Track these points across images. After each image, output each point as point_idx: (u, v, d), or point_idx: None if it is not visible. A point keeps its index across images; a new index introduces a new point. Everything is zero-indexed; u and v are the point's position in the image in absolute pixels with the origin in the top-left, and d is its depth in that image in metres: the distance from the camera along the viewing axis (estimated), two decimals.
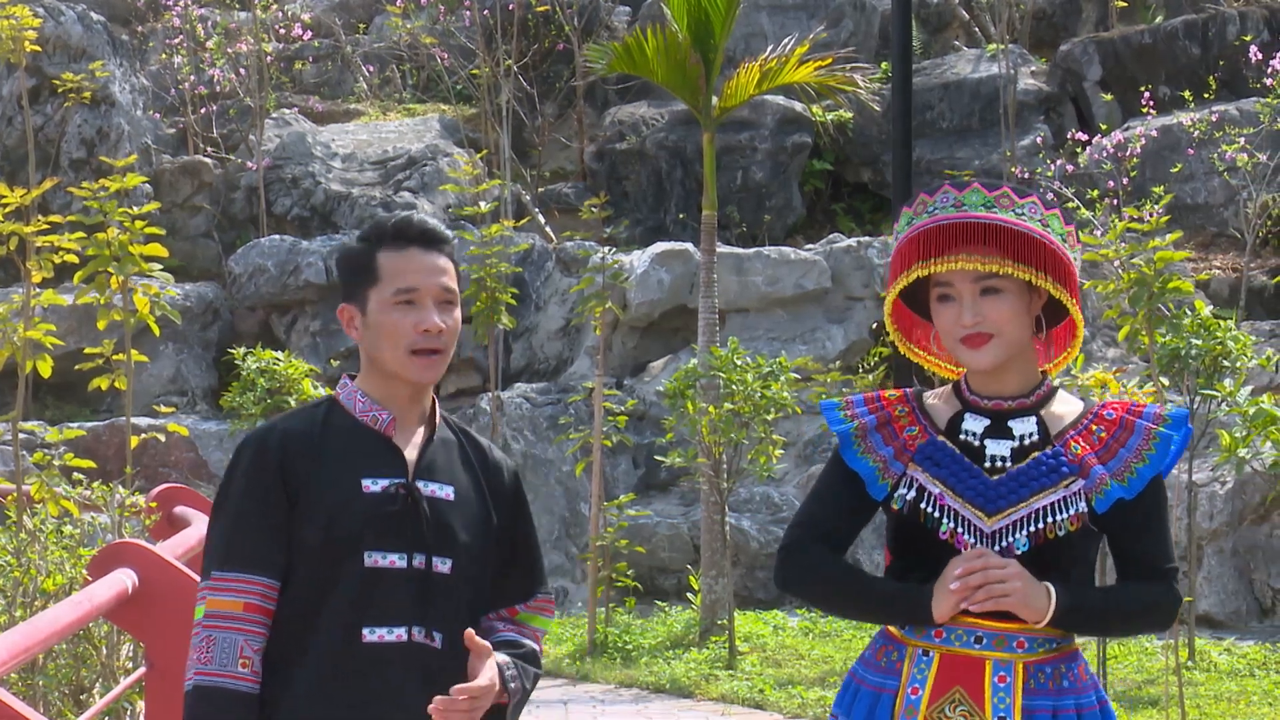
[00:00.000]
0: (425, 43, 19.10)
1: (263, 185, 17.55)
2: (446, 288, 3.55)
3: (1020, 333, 3.58)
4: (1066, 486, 3.53)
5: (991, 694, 3.49)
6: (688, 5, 12.60)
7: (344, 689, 3.42)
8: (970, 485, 3.57)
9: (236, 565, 3.42)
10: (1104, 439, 3.57)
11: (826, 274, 15.59)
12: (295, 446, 3.50)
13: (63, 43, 18.07)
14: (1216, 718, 9.52)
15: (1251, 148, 15.06)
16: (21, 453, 8.13)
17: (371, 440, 3.53)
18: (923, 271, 3.58)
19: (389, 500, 3.49)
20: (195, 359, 16.66)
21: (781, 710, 10.23)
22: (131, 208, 8.69)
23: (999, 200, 3.59)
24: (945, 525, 3.53)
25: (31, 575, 7.01)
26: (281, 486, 3.46)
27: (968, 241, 3.55)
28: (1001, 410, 3.61)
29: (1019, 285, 3.56)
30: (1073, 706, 3.50)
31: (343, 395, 3.59)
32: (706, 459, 12.22)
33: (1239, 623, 12.45)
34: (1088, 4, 19.21)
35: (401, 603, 3.47)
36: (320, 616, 3.44)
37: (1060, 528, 3.50)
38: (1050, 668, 3.52)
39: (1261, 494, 12.49)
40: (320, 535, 3.45)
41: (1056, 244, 3.55)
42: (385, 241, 3.56)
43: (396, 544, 3.48)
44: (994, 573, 3.45)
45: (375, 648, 3.44)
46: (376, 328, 3.53)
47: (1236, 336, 10.82)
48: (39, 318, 7.98)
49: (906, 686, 3.55)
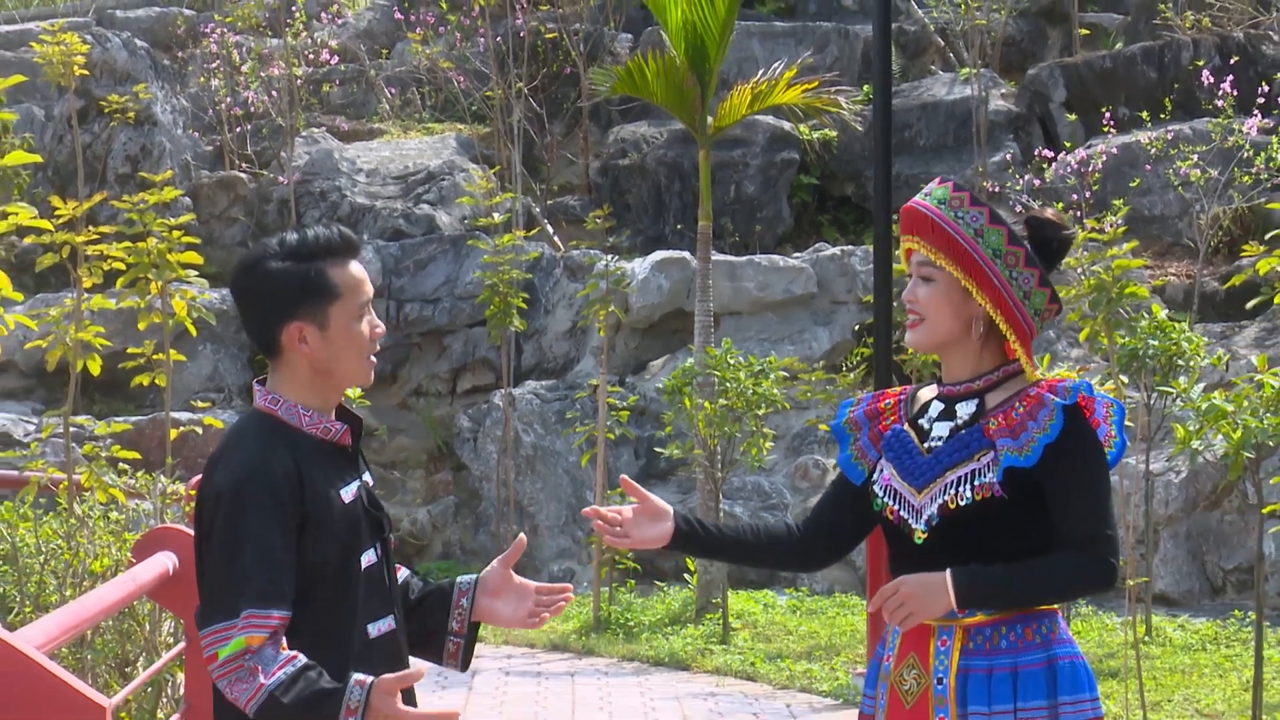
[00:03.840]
0: (443, 67, 19.09)
1: (293, 198, 17.55)
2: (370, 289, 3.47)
3: (948, 324, 3.61)
4: (977, 460, 3.54)
5: (934, 657, 3.54)
6: (685, 32, 12.60)
7: None
8: (907, 465, 3.63)
9: (272, 603, 3.21)
10: (1020, 415, 3.56)
11: (813, 280, 15.59)
12: (294, 474, 3.28)
13: (109, 67, 18.07)
14: (1171, 689, 9.52)
15: (1204, 164, 15.05)
16: (72, 445, 8.13)
17: (329, 451, 3.39)
18: (904, 246, 3.71)
19: (361, 502, 3.42)
20: (231, 358, 16.66)
21: (771, 682, 10.24)
22: (170, 219, 8.70)
23: (951, 201, 3.66)
24: (885, 502, 3.62)
25: (81, 557, 7.02)
26: (296, 517, 3.27)
27: (922, 228, 3.64)
28: (954, 394, 3.66)
29: (950, 280, 3.60)
30: (1008, 666, 3.50)
31: (281, 411, 3.37)
32: (702, 450, 12.23)
33: (1192, 601, 12.45)
34: (1053, 31, 19.20)
35: (385, 593, 3.44)
36: (336, 624, 3.34)
37: (963, 498, 3.51)
38: (990, 629, 3.52)
39: (1213, 482, 12.50)
40: (335, 551, 3.33)
41: (979, 252, 3.58)
42: (330, 256, 3.37)
43: (371, 540, 3.42)
44: (889, 602, 3.48)
45: (377, 641, 3.40)
46: (342, 339, 3.36)
47: (1190, 338, 10.82)
48: (88, 320, 7.99)
49: (885, 654, 3.65)
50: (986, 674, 3.49)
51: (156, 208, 8.58)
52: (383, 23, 20.66)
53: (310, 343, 3.36)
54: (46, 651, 3.94)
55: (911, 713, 3.52)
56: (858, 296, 15.37)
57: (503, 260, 14.17)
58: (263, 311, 3.37)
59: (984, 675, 3.49)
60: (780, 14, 19.26)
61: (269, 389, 3.40)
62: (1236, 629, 11.17)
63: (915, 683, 3.54)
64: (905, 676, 3.56)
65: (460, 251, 16.41)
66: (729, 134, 15.30)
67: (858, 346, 15.36)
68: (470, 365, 16.26)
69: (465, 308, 16.10)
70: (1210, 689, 9.51)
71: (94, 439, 11.15)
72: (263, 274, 3.35)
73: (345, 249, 3.40)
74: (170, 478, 8.20)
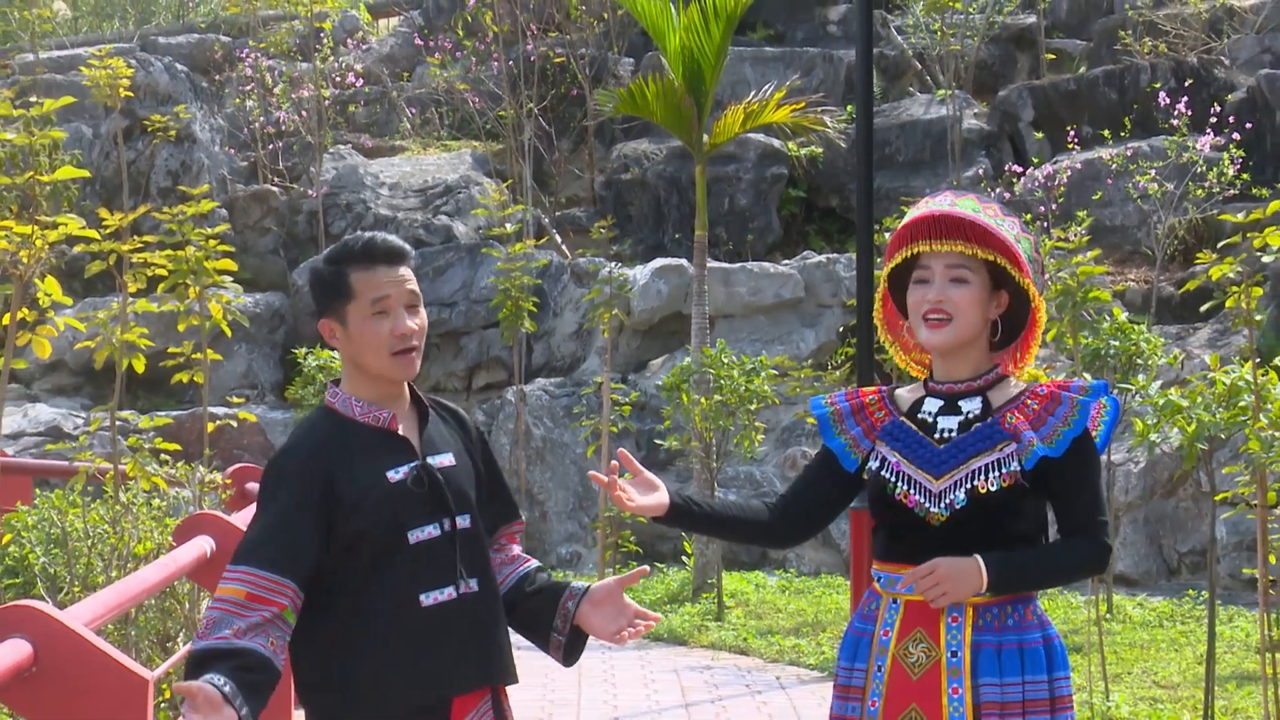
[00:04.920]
0: (459, 88, 19.08)
1: (321, 210, 17.54)
2: (412, 292, 3.50)
3: (975, 322, 3.61)
4: (1000, 450, 3.55)
5: (945, 632, 3.53)
6: (683, 57, 12.59)
7: (409, 647, 3.40)
8: (920, 454, 3.61)
9: (251, 562, 3.32)
10: (1036, 410, 3.59)
11: (800, 285, 15.58)
12: (330, 456, 3.42)
13: (152, 89, 18.07)
14: (1131, 662, 9.52)
15: (1160, 179, 15.04)
16: (117, 437, 8.13)
17: (380, 437, 3.47)
18: (910, 251, 3.62)
19: (413, 483, 3.46)
20: (264, 357, 16.65)
21: (762, 655, 10.23)
22: (207, 229, 8.70)
23: (985, 209, 3.63)
24: (899, 488, 3.58)
25: (125, 541, 7.02)
26: (324, 496, 3.38)
27: (951, 235, 3.58)
28: (954, 392, 3.66)
29: (983, 282, 3.60)
30: (1015, 642, 3.53)
31: (338, 404, 3.51)
32: (699, 442, 12.23)
33: (1150, 581, 12.45)
34: (1022, 56, 19.19)
35: (446, 565, 3.46)
36: (376, 594, 3.41)
37: (993, 484, 3.52)
38: (997, 609, 3.54)
39: (1170, 472, 12.49)
40: (366, 527, 3.40)
41: (1020, 253, 3.59)
42: (354, 261, 3.46)
43: (429, 517, 3.46)
44: (924, 583, 3.49)
45: (432, 610, 3.43)
46: (358, 338, 3.46)
47: (1148, 339, 10.82)
48: (132, 322, 7.99)
49: (880, 629, 3.61)
50: (996, 649, 3.51)
51: (195, 219, 8.58)
52: (404, 48, 20.64)
53: (338, 338, 3.49)
54: (94, 628, 3.94)
55: (919, 684, 3.51)
56: (842, 300, 15.37)
57: (514, 267, 14.16)
58: (312, 309, 3.49)
59: (994, 650, 3.51)
60: (770, 40, 19.25)
61: (338, 387, 3.54)
62: (1191, 607, 11.16)
63: (924, 656, 3.53)
64: (911, 650, 3.54)
65: (475, 259, 16.41)
66: (723, 150, 15.30)
67: (842, 346, 15.37)
68: (485, 364, 16.26)
69: (480, 311, 16.10)
70: (1166, 662, 9.51)
71: (138, 432, 11.16)
72: (308, 276, 3.61)
73: (367, 255, 3.46)
74: (208, 467, 8.21)
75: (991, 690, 3.47)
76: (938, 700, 3.49)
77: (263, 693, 3.22)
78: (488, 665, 3.50)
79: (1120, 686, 8.79)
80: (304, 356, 14.35)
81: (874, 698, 3.57)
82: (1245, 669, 9.24)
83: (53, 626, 3.48)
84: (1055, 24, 19.44)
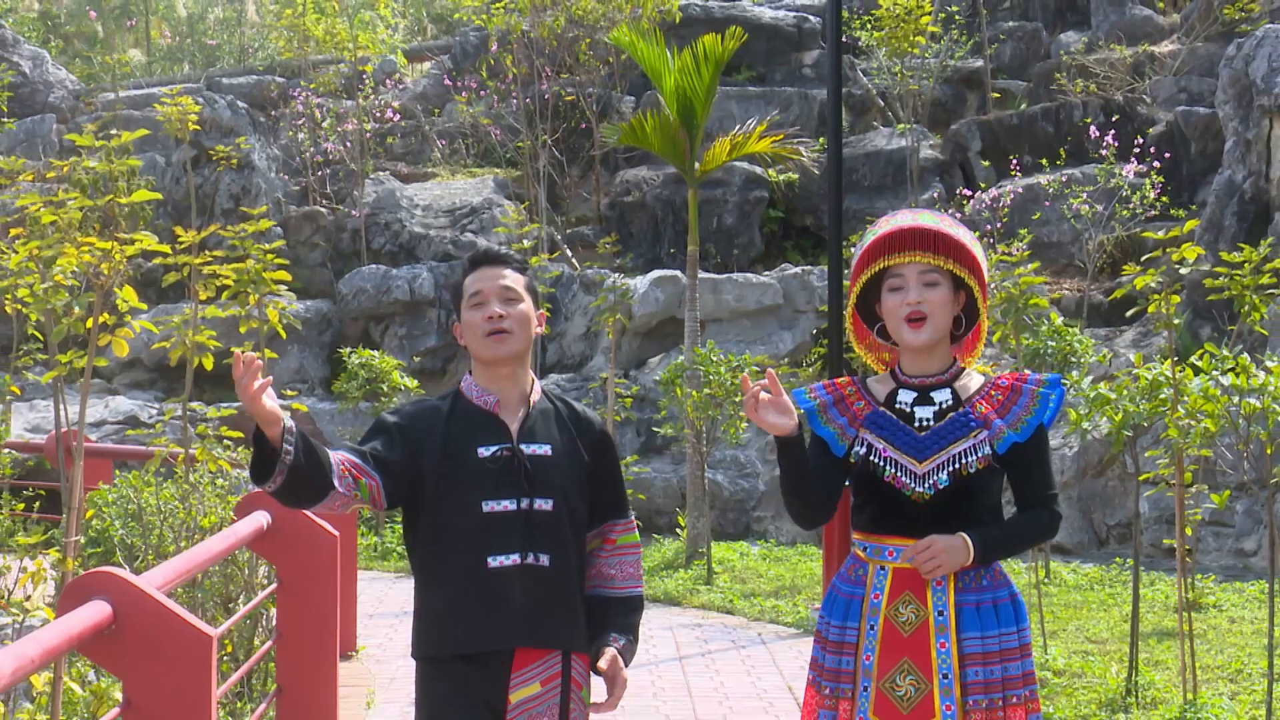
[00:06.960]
0: (483, 123, 19.07)
1: (364, 229, 17.52)
2: (506, 286, 3.57)
3: (946, 320, 3.62)
4: (975, 436, 3.57)
5: (932, 594, 3.54)
6: (677, 95, 12.57)
7: (475, 600, 3.45)
8: (904, 441, 3.60)
9: (354, 454, 3.44)
10: (1000, 400, 3.62)
11: (779, 294, 15.56)
12: (416, 419, 3.53)
13: (216, 123, 18.04)
14: (1066, 620, 9.51)
15: (1091, 201, 15.04)
16: (187, 425, 8.12)
17: (483, 417, 3.53)
18: (887, 263, 3.61)
19: (496, 461, 3.48)
20: (313, 356, 16.63)
21: (746, 615, 10.21)
22: (265, 245, 8.68)
23: (943, 221, 3.66)
24: (888, 471, 3.58)
25: (193, 515, 7.01)
26: (398, 440, 3.48)
27: (918, 245, 3.59)
28: (925, 384, 3.65)
29: (949, 284, 3.61)
30: (990, 600, 3.56)
31: (464, 387, 3.60)
32: (691, 430, 12.21)
33: (1082, 550, 12.44)
34: (971, 95, 19.17)
35: (513, 536, 3.46)
36: (453, 550, 3.46)
37: (971, 466, 3.54)
38: (974, 573, 3.58)
39: (1099, 455, 12.48)
40: (447, 490, 3.46)
41: (980, 260, 3.64)
42: (467, 270, 3.62)
43: (507, 492, 3.47)
44: (921, 556, 3.50)
45: (497, 571, 3.44)
46: (465, 327, 3.57)
47: (1081, 340, 10.81)
48: (201, 325, 7.97)
49: (870, 593, 3.60)
50: (975, 607, 3.54)
51: (254, 236, 8.57)
52: (435, 87, 20.62)
53: (461, 335, 3.61)
54: (165, 591, 3.93)
55: (910, 640, 3.52)
56: (815, 307, 15.35)
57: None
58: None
59: (974, 608, 3.54)
60: (753, 81, 19.24)
61: (470, 376, 3.63)
62: (1118, 572, 11.15)
63: (914, 615, 3.53)
64: (902, 610, 3.54)
65: None
66: (712, 176, 15.28)
67: (815, 347, 15.36)
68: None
69: None
70: (1097, 620, 9.50)
71: (205, 421, 11.14)
72: (448, 287, 3.72)
73: (472, 262, 3.62)
74: None
75: (974, 643, 3.52)
76: (927, 654, 3.51)
77: (316, 457, 3.28)
78: (547, 628, 3.48)
79: (1057, 642, 8.78)
80: (348, 355, 14.33)
81: (868, 652, 3.56)
82: (1165, 626, 9.23)
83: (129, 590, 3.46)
84: (1000, 67, 19.43)
